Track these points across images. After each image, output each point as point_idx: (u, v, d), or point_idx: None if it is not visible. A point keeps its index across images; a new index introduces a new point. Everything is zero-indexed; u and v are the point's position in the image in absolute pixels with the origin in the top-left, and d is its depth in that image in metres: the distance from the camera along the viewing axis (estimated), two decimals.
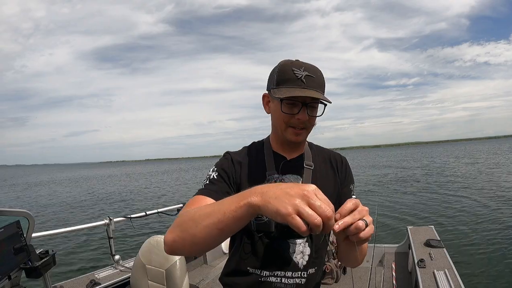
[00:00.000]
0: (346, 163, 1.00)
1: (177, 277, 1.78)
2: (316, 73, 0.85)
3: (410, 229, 3.21)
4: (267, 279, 0.88)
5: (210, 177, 0.89)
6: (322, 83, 0.86)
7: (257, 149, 0.97)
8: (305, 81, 0.82)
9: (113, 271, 2.54)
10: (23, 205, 15.04)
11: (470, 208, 8.63)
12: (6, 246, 1.54)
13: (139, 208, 12.24)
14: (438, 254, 2.49)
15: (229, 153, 0.96)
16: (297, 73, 0.82)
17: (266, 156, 0.94)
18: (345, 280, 2.81)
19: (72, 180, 36.86)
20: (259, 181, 0.86)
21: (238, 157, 0.94)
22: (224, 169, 0.90)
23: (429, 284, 2.02)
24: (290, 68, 0.83)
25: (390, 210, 9.08)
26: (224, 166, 0.91)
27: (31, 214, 1.79)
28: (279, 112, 0.86)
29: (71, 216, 11.38)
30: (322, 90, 0.85)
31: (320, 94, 0.84)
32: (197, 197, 0.83)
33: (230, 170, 0.90)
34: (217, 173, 0.89)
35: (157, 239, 1.93)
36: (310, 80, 0.83)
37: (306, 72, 0.83)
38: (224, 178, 0.89)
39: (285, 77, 0.83)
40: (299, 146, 0.96)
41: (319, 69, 0.87)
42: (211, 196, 0.81)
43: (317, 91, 0.83)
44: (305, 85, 0.82)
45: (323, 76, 0.87)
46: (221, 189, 0.86)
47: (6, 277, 1.51)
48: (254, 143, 1.00)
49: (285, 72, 0.84)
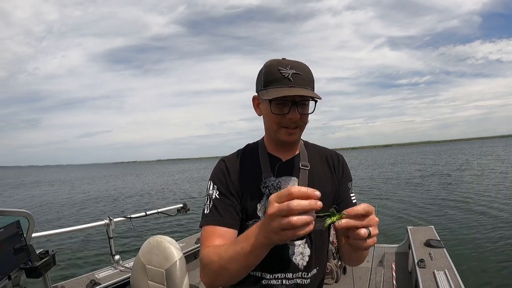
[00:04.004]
0: (343, 160, 0.99)
1: (177, 277, 1.78)
2: (303, 70, 0.83)
3: (410, 229, 3.21)
4: (268, 282, 0.88)
5: (212, 197, 0.89)
6: (311, 80, 0.85)
7: (252, 152, 0.96)
8: (293, 79, 0.80)
9: (113, 271, 2.54)
10: (25, 205, 15.04)
11: (470, 208, 8.63)
12: (6, 246, 1.53)
13: (139, 208, 12.25)
14: (438, 254, 2.49)
15: (224, 161, 0.94)
16: (283, 72, 0.81)
17: (261, 159, 0.93)
18: (345, 280, 2.81)
19: (79, 179, 36.91)
20: (257, 186, 0.89)
21: (234, 163, 0.93)
22: (222, 183, 0.90)
23: (429, 284, 2.02)
24: (276, 67, 0.82)
25: (390, 210, 9.08)
26: (222, 178, 0.90)
27: (31, 214, 1.79)
28: (270, 113, 0.85)
29: (71, 216, 11.38)
30: (311, 87, 0.84)
31: (309, 91, 0.82)
32: (208, 229, 0.85)
33: (227, 180, 0.90)
34: (217, 191, 0.89)
35: (157, 239, 1.92)
36: (298, 77, 0.81)
37: (292, 70, 0.81)
38: (225, 193, 0.88)
39: (272, 77, 0.82)
40: (294, 146, 0.94)
41: (306, 65, 0.85)
42: (220, 224, 0.85)
43: (306, 88, 0.82)
44: (292, 83, 0.80)
45: (311, 72, 0.86)
46: (227, 207, 0.87)
47: (6, 277, 1.51)
48: (248, 146, 0.99)
49: (271, 73, 0.82)
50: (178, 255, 1.83)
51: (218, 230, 0.83)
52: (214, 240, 0.81)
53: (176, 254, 1.83)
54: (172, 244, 1.88)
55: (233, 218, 0.87)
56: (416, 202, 10.31)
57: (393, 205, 9.81)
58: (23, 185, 31.83)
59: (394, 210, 9.07)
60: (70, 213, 12.00)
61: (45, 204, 15.25)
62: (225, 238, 0.82)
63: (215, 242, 0.81)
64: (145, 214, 2.98)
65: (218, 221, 0.84)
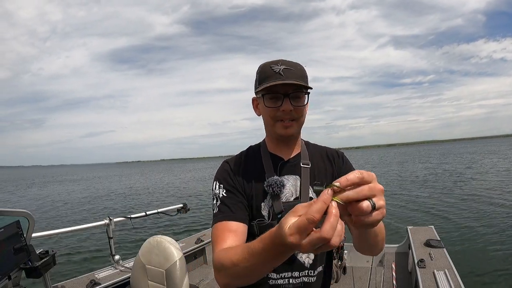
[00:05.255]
0: (343, 155, 1.02)
1: (177, 277, 1.78)
2: (294, 66, 0.88)
3: (410, 229, 3.21)
4: (275, 281, 0.89)
5: (220, 195, 0.90)
6: (303, 75, 0.89)
7: (254, 153, 0.99)
8: (283, 74, 0.85)
9: (113, 271, 2.54)
10: (24, 205, 15.04)
11: (470, 208, 8.62)
12: (6, 246, 1.53)
13: (139, 207, 12.24)
14: (438, 254, 2.49)
15: (228, 162, 0.97)
16: (274, 68, 0.86)
17: (264, 159, 0.96)
18: (345, 280, 2.81)
19: (83, 179, 36.95)
20: (260, 185, 0.90)
21: (237, 164, 0.96)
22: (228, 181, 0.92)
23: (429, 284, 2.02)
24: (268, 66, 0.88)
25: (390, 210, 9.08)
26: (227, 177, 0.93)
27: (31, 214, 1.79)
28: (264, 108, 0.90)
29: (71, 216, 11.38)
30: (303, 81, 0.88)
31: (299, 81, 0.86)
32: (219, 226, 0.84)
33: (234, 180, 0.92)
34: (224, 189, 0.90)
35: (157, 239, 1.92)
36: (289, 72, 0.86)
37: (283, 66, 0.87)
38: (233, 190, 0.90)
39: (265, 75, 0.88)
40: (294, 143, 0.97)
41: (300, 64, 0.91)
42: (231, 219, 0.84)
43: (297, 81, 0.86)
44: (283, 77, 0.85)
45: (304, 69, 0.91)
46: (236, 203, 0.88)
47: (6, 277, 1.51)
48: (251, 147, 1.02)
49: (264, 71, 0.88)
50: (178, 255, 1.83)
51: (229, 225, 0.84)
52: (226, 238, 0.80)
53: (176, 254, 1.83)
54: (172, 244, 1.88)
55: (243, 213, 0.88)
56: (416, 201, 10.31)
57: (393, 205, 9.81)
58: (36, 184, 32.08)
59: (394, 210, 9.07)
60: (71, 213, 12.00)
61: (44, 204, 15.24)
62: (238, 233, 0.83)
63: (227, 240, 0.80)
64: (145, 214, 2.99)
65: (228, 216, 0.85)
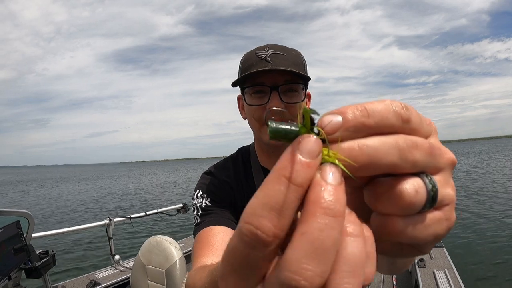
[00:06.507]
0: None
1: (177, 277, 1.78)
2: (286, 51, 0.65)
3: None
4: None
5: (202, 205, 0.70)
6: (297, 62, 0.66)
7: (244, 163, 0.80)
8: (271, 60, 0.62)
9: (113, 271, 2.54)
10: (25, 205, 15.04)
11: (470, 208, 8.62)
12: (6, 246, 1.54)
13: (139, 207, 12.24)
14: (438, 254, 2.49)
15: (213, 173, 0.76)
16: (260, 54, 0.64)
17: (254, 174, 0.77)
18: None
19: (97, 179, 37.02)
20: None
21: (225, 176, 0.76)
22: (214, 192, 0.72)
23: (429, 284, 2.02)
24: (253, 52, 0.66)
25: None
26: (213, 189, 0.73)
27: (31, 215, 1.79)
28: (246, 106, 0.67)
29: (71, 216, 11.37)
30: (297, 69, 0.64)
31: (291, 69, 0.63)
32: (199, 239, 0.65)
33: (221, 193, 0.73)
34: (208, 198, 0.71)
35: (157, 239, 1.93)
36: (278, 58, 0.63)
37: (272, 50, 0.64)
38: (218, 201, 0.71)
39: (248, 63, 0.65)
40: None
41: (295, 49, 0.69)
42: (215, 224, 0.66)
43: (288, 68, 0.63)
44: (271, 64, 0.62)
45: (300, 55, 0.69)
46: (219, 211, 0.69)
47: (6, 277, 1.51)
48: (240, 153, 0.82)
49: (248, 58, 0.66)
50: (178, 255, 1.83)
51: (213, 231, 0.65)
52: (204, 254, 0.60)
53: (176, 254, 1.83)
54: (172, 244, 1.88)
55: (229, 217, 0.69)
56: None
57: None
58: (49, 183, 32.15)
59: None
60: (71, 213, 12.00)
61: (44, 204, 15.24)
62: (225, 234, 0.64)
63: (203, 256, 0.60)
64: (145, 214, 2.99)
65: (211, 222, 0.67)
